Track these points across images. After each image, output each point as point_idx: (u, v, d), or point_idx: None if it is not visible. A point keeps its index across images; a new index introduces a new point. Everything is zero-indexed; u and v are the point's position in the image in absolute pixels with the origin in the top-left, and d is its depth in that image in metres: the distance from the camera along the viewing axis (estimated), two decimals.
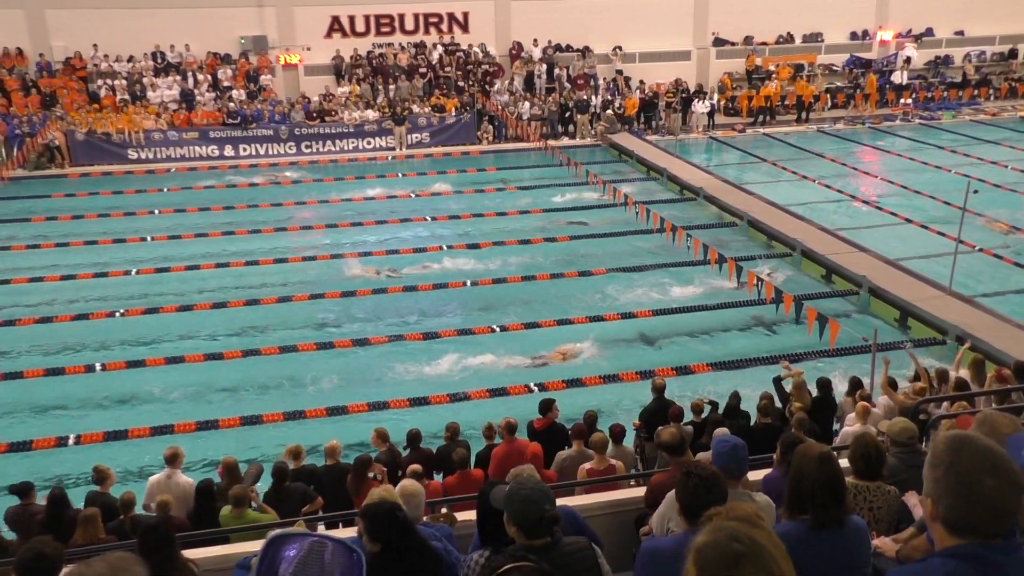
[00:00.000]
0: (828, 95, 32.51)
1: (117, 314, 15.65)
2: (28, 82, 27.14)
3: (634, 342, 14.61)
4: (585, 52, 31.60)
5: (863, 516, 4.44)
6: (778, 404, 9.95)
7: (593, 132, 29.17)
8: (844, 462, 4.71)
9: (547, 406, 9.72)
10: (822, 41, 34.04)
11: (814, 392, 10.14)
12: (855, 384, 10.21)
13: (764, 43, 33.45)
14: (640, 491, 7.07)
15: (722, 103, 31.78)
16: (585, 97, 29.56)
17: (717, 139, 29.57)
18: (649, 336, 14.72)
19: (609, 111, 29.20)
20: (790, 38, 33.85)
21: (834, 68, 33.76)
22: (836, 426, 10.05)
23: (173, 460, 8.70)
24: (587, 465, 8.28)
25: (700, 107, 29.96)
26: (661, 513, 5.05)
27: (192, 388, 13.18)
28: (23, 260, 18.42)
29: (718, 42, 33.18)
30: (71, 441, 11.61)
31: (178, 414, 12.36)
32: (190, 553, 5.23)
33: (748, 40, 33.37)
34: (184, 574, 4.54)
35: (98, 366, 13.72)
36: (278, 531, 2.66)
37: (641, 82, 30.64)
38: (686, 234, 18.57)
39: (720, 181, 23.34)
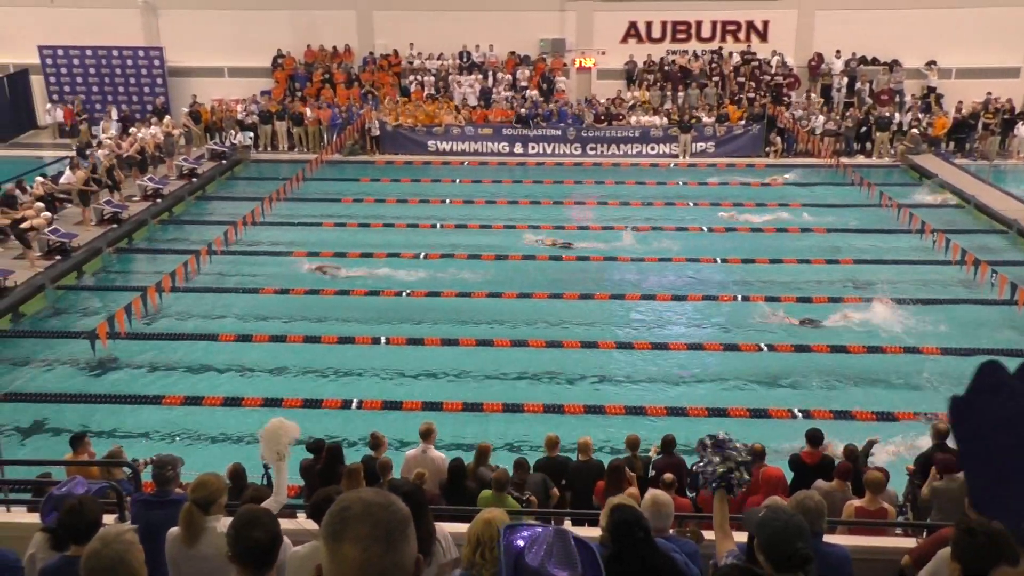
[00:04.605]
0: None
1: (404, 294, 16.94)
2: (352, 76, 30.10)
3: (916, 378, 13.49)
4: (893, 66, 29.49)
5: None
6: None
7: (892, 152, 27.18)
8: None
9: (819, 438, 9.19)
10: None
11: None
12: None
13: None
14: (906, 541, 6.58)
15: None
16: (888, 114, 27.60)
17: None
18: (931, 376, 13.50)
19: (915, 130, 27.01)
20: None
21: None
22: None
23: (427, 436, 9.26)
24: (856, 502, 7.73)
25: None
26: (931, 570, 4.65)
27: (464, 370, 13.96)
28: (331, 236, 20.40)
29: None
30: (354, 405, 12.75)
31: (446, 393, 13.14)
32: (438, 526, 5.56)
33: None
34: (431, 542, 4.79)
35: (383, 339, 14.93)
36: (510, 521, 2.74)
37: (959, 102, 27.99)
38: (990, 270, 16.83)
39: None
